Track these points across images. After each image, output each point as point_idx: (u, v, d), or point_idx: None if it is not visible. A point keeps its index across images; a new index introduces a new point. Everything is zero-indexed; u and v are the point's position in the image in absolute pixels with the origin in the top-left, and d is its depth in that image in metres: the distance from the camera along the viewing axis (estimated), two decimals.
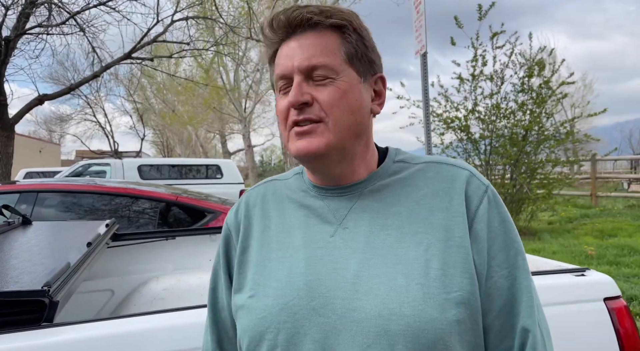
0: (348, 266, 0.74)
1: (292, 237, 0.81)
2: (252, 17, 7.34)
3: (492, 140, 7.50)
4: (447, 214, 0.76)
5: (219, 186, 10.50)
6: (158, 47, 11.74)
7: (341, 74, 0.77)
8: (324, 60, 0.76)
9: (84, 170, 10.64)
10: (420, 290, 0.70)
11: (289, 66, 0.77)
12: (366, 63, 0.80)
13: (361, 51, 0.79)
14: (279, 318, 0.74)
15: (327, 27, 0.78)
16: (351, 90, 0.77)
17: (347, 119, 0.76)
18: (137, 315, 1.18)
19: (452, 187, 0.78)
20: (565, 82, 7.42)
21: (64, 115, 27.11)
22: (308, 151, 0.76)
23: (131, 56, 8.14)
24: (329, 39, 0.77)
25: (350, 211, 0.79)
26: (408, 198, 0.79)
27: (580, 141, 7.64)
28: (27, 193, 3.18)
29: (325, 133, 0.76)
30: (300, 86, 0.76)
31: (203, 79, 15.72)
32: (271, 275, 0.79)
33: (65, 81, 19.87)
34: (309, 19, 0.76)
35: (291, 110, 0.77)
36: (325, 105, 0.75)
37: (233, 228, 0.90)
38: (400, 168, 0.83)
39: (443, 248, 0.73)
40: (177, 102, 25.47)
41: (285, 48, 0.79)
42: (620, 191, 13.47)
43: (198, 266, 2.44)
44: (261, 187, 0.93)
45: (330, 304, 0.73)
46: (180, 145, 33.24)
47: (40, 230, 1.78)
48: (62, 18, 7.55)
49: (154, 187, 3.81)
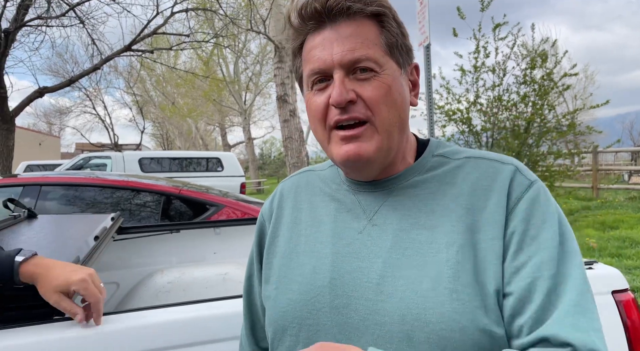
0: (373, 266, 0.71)
1: (320, 231, 0.79)
2: (252, 9, 7.30)
3: (494, 132, 7.49)
4: (482, 214, 0.70)
5: (220, 179, 10.51)
6: (157, 39, 11.68)
7: (384, 66, 0.71)
8: (366, 52, 0.69)
9: (84, 163, 10.64)
10: (448, 296, 0.65)
11: (327, 60, 0.70)
12: (405, 52, 0.74)
13: (400, 40, 0.73)
14: (301, 314, 0.74)
15: (365, 15, 0.71)
16: (395, 84, 0.72)
17: (393, 116, 0.71)
18: (146, 308, 1.18)
19: (493, 185, 0.72)
20: (568, 74, 7.38)
21: (64, 108, 27.10)
22: (359, 157, 0.71)
23: (131, 48, 8.09)
24: (369, 28, 0.71)
25: (382, 207, 0.75)
26: (444, 196, 0.73)
27: (582, 133, 7.62)
28: (31, 187, 3.18)
29: (374, 136, 0.71)
30: (343, 83, 0.69)
31: (203, 71, 15.67)
32: (296, 269, 0.78)
33: (65, 73, 19.79)
34: (348, 8, 0.69)
35: (331, 109, 0.71)
36: (370, 102, 0.70)
37: (267, 217, 0.89)
38: (438, 163, 0.77)
39: (475, 251, 0.67)
40: (176, 95, 25.42)
41: (317, 39, 0.72)
42: (621, 183, 13.48)
43: (202, 259, 2.44)
44: (295, 177, 0.91)
45: (352, 304, 0.70)
46: (180, 137, 33.22)
47: (46, 223, 1.78)
48: (62, 10, 7.50)
49: (156, 180, 3.81)
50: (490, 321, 0.64)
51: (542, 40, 7.63)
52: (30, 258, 0.97)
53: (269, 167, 31.91)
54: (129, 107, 25.70)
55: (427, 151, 0.79)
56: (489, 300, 0.65)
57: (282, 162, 29.69)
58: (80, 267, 1.00)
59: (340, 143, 0.72)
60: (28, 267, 0.96)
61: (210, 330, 1.09)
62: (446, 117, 7.77)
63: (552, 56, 7.60)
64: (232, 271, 2.21)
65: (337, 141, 0.72)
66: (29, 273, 0.95)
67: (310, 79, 0.74)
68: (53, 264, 0.98)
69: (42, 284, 0.94)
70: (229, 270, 2.22)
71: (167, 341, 1.04)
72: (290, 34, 0.76)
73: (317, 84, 0.73)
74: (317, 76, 0.73)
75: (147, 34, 8.21)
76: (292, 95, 7.34)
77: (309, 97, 0.75)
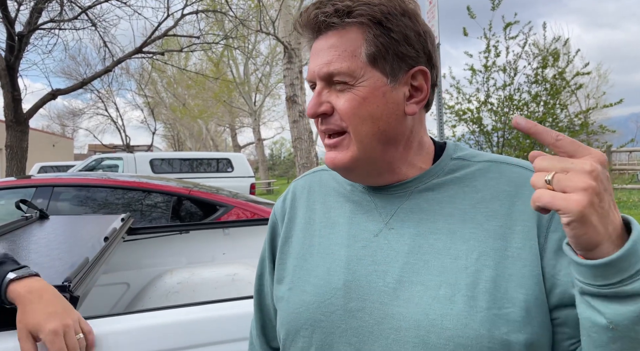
0: (390, 270, 0.70)
1: (335, 232, 0.78)
2: (261, 10, 7.32)
3: (505, 132, 7.42)
4: (506, 221, 0.68)
5: (230, 180, 10.56)
6: (168, 41, 11.78)
7: (361, 78, 0.69)
8: (340, 66, 0.69)
9: (96, 164, 10.76)
10: (467, 303, 0.64)
11: (311, 71, 0.73)
12: (395, 59, 0.70)
13: (387, 48, 0.69)
14: (314, 316, 0.73)
15: (347, 25, 0.69)
16: (372, 95, 0.69)
17: (368, 129, 0.70)
18: (156, 309, 1.18)
19: (517, 191, 0.70)
20: (580, 73, 7.29)
21: (77, 110, 27.47)
22: (335, 165, 0.73)
23: (142, 50, 8.17)
24: (351, 38, 0.69)
25: (399, 210, 0.74)
26: (463, 200, 0.71)
27: (595, 132, 7.52)
28: (43, 188, 3.22)
29: (350, 146, 0.71)
30: (319, 95, 0.71)
31: (213, 72, 15.76)
32: (311, 270, 0.77)
33: (77, 75, 20.06)
34: (323, 21, 0.70)
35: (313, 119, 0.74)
36: (343, 114, 0.70)
37: (279, 216, 0.89)
38: (458, 166, 0.75)
39: (498, 258, 0.66)
40: (187, 96, 25.60)
41: (314, 48, 0.74)
42: (635, 183, 13.28)
43: (211, 260, 2.45)
44: (308, 177, 0.90)
45: (367, 307, 0.69)
46: (191, 138, 33.45)
47: (58, 224, 1.80)
48: (74, 13, 7.60)
49: (167, 180, 3.84)
50: (509, 330, 0.62)
51: (554, 39, 7.54)
52: (24, 279, 0.92)
53: (279, 168, 31.98)
54: (140, 109, 26.00)
55: (445, 154, 0.77)
56: (513, 309, 0.63)
57: (292, 162, 29.73)
58: (64, 310, 0.91)
59: (326, 150, 0.75)
60: (16, 287, 0.90)
61: (222, 331, 1.09)
62: (456, 116, 7.72)
63: (565, 55, 7.51)
64: (241, 272, 2.22)
65: (325, 147, 0.75)
66: (15, 294, 0.90)
67: (309, 84, 0.76)
68: (39, 296, 0.90)
69: (19, 313, 0.89)
70: (238, 270, 2.22)
71: (177, 342, 1.05)
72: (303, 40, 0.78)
73: (313, 91, 0.75)
74: (311, 84, 0.75)
75: (158, 36, 8.29)
76: (301, 95, 7.35)
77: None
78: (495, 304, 0.63)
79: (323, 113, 0.71)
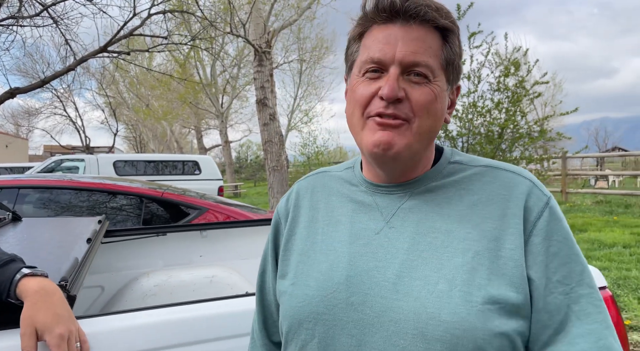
0: (390, 266, 0.74)
1: (338, 231, 0.81)
2: (232, 12, 7.27)
3: (469, 137, 7.67)
4: (500, 223, 0.72)
5: (198, 182, 10.39)
6: (132, 41, 11.50)
7: (437, 77, 0.74)
8: (427, 59, 0.72)
9: (56, 165, 10.35)
10: (463, 298, 0.68)
11: (388, 54, 0.73)
12: (456, 72, 0.78)
13: (457, 59, 0.77)
14: (317, 309, 0.76)
15: (435, 26, 0.74)
16: (440, 95, 0.75)
17: (430, 124, 0.74)
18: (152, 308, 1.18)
19: (510, 195, 0.74)
20: (539, 82, 7.64)
21: (33, 109, 26.29)
22: (389, 146, 0.73)
23: (107, 50, 7.95)
24: (435, 39, 0.74)
25: (399, 210, 0.78)
26: (460, 202, 0.76)
27: (553, 139, 7.88)
28: (8, 190, 3.10)
29: (407, 133, 0.73)
30: (397, 80, 0.72)
31: (179, 73, 15.47)
32: (314, 266, 0.80)
33: (34, 73, 19.26)
34: (424, 14, 0.72)
35: (376, 100, 0.74)
36: (416, 105, 0.72)
37: (282, 215, 0.92)
38: (455, 169, 0.80)
39: (491, 258, 0.70)
40: (151, 97, 25.00)
41: (384, 32, 0.74)
42: (588, 187, 13.97)
43: (189, 263, 2.43)
44: (312, 178, 0.94)
45: (368, 301, 0.73)
46: (154, 140, 32.67)
47: (33, 226, 1.75)
48: (34, 9, 7.32)
49: (140, 183, 3.77)
50: (502, 323, 0.67)
51: (515, 49, 7.87)
52: (36, 276, 0.92)
53: (246, 171, 31.66)
54: (101, 109, 25.18)
55: (443, 158, 0.82)
56: (505, 305, 0.68)
57: (259, 165, 29.51)
58: (69, 315, 0.92)
59: (374, 130, 0.74)
60: (29, 283, 0.90)
61: (206, 330, 1.11)
62: None
63: (525, 65, 7.84)
64: (219, 273, 2.22)
65: (372, 127, 0.74)
66: (26, 289, 0.89)
67: (365, 65, 0.75)
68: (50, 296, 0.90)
69: (27, 309, 0.88)
70: (216, 272, 2.22)
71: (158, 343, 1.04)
72: (358, 18, 0.78)
73: (370, 73, 0.75)
74: (373, 65, 0.74)
75: (124, 36, 8.09)
76: (272, 98, 7.35)
77: (357, 83, 0.77)
78: (489, 300, 0.67)
79: (398, 99, 0.72)
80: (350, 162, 0.92)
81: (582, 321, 0.68)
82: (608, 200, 11.12)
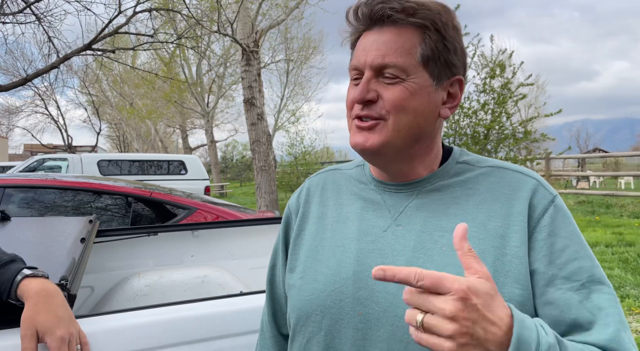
0: (396, 263, 0.75)
1: (346, 228, 0.83)
2: (220, 11, 7.22)
3: (456, 138, 7.76)
4: (505, 221, 0.74)
5: (184, 182, 10.30)
6: (117, 39, 11.35)
7: (412, 75, 0.75)
8: (396, 60, 0.74)
9: (38, 165, 10.18)
10: None
11: (362, 60, 0.76)
12: (443, 66, 0.77)
13: (439, 53, 0.76)
14: (325, 303, 0.78)
15: (410, 24, 0.75)
16: (420, 92, 0.75)
17: (408, 120, 0.75)
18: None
19: (515, 194, 0.76)
20: (524, 84, 7.76)
21: (13, 107, 25.71)
22: (363, 147, 0.77)
23: (91, 47, 7.83)
24: (408, 37, 0.75)
25: (406, 208, 0.80)
26: (467, 201, 0.78)
27: (537, 140, 8.02)
28: None
29: (383, 131, 0.76)
30: (367, 82, 0.76)
31: (164, 72, 15.30)
32: (322, 261, 0.82)
33: (15, 71, 18.87)
34: (389, 16, 0.75)
35: (355, 104, 0.78)
36: (389, 104, 0.75)
37: (293, 211, 0.94)
38: (462, 169, 0.82)
39: (497, 255, 0.72)
40: (135, 96, 24.68)
41: (364, 40, 0.78)
42: (570, 188, 14.23)
43: (180, 262, 2.42)
44: (322, 175, 0.96)
45: (374, 296, 0.75)
46: (138, 139, 32.26)
47: (24, 226, 1.72)
48: (17, 6, 7.18)
49: (128, 182, 3.72)
50: None
51: (500, 51, 7.98)
52: (38, 277, 0.91)
53: (231, 171, 31.47)
54: (83, 108, 24.79)
55: (451, 158, 0.84)
56: (509, 302, 0.66)
57: (245, 165, 29.37)
58: (70, 318, 0.91)
59: (355, 132, 0.78)
60: (31, 284, 0.88)
61: (205, 328, 1.11)
62: None
63: (510, 67, 7.96)
64: (211, 273, 2.21)
65: (354, 129, 0.79)
66: (27, 290, 0.88)
67: (350, 72, 0.80)
68: (51, 297, 0.89)
69: (27, 310, 0.87)
70: (208, 272, 2.21)
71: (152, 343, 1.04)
72: (349, 30, 0.82)
73: (355, 79, 0.79)
74: (355, 72, 0.79)
75: (109, 33, 7.97)
76: (260, 98, 7.33)
77: (348, 88, 0.82)
78: None
79: (369, 100, 0.76)
80: (360, 160, 0.93)
81: (595, 316, 0.68)
82: (590, 200, 11.35)
